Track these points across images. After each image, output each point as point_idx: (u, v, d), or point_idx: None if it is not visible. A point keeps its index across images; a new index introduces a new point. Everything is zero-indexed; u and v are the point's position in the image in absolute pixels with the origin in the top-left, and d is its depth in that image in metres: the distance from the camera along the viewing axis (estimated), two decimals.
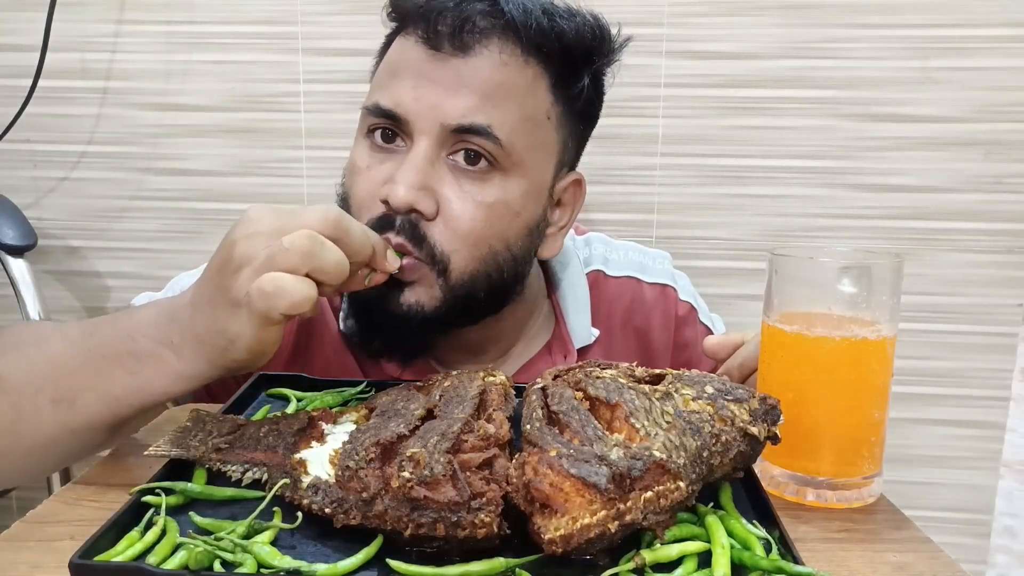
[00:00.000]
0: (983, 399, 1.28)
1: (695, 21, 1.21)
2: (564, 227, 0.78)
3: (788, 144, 1.23)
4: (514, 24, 0.66)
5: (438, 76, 0.67)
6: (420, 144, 0.67)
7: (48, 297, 1.25)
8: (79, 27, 1.29)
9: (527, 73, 0.68)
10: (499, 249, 0.70)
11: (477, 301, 0.71)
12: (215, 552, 0.43)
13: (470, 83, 0.66)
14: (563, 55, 0.69)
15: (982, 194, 1.22)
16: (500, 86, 0.67)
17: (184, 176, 1.33)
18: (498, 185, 0.68)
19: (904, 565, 0.48)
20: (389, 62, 0.71)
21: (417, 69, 0.67)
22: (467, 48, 0.66)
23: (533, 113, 0.69)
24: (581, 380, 0.53)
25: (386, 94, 0.68)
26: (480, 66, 0.66)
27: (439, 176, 0.67)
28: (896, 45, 1.19)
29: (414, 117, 0.67)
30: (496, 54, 0.67)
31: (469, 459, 0.45)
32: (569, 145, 0.75)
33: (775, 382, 0.57)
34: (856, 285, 0.55)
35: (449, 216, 0.67)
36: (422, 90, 0.67)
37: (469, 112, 0.66)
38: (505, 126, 0.67)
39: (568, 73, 0.71)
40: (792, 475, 0.56)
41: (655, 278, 0.87)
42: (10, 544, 0.47)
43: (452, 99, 0.66)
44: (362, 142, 0.72)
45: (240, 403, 0.66)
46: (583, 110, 0.75)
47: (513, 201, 0.69)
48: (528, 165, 0.70)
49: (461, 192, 0.68)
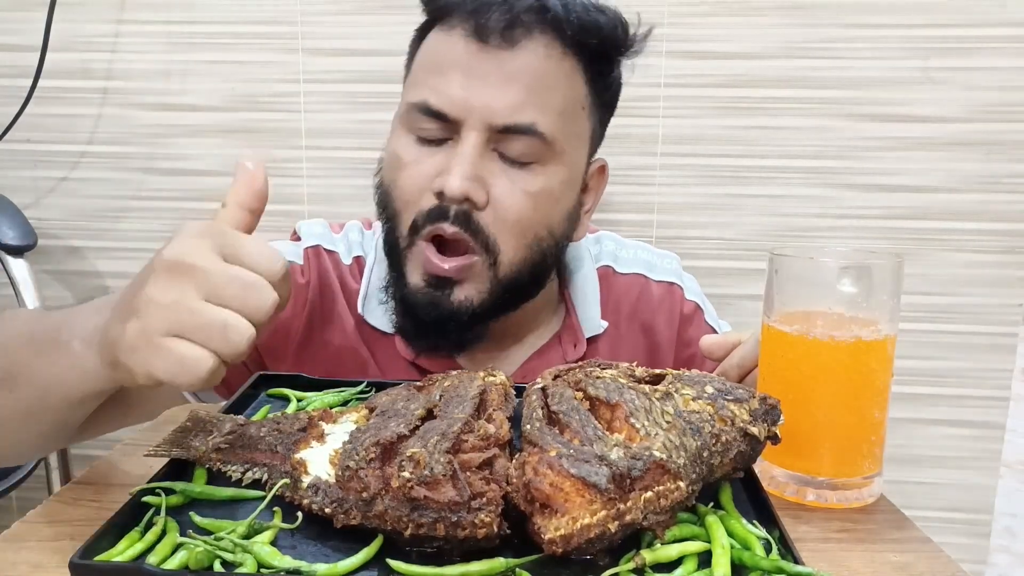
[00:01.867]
0: (983, 399, 1.28)
1: (695, 21, 1.21)
2: (590, 210, 0.82)
3: (788, 144, 1.23)
4: (557, 18, 0.69)
5: (486, 71, 0.69)
6: (470, 137, 0.69)
7: (48, 297, 1.25)
8: (79, 27, 1.29)
9: (566, 65, 0.71)
10: (543, 235, 0.74)
11: (522, 287, 0.75)
12: (215, 552, 0.43)
13: (517, 77, 0.69)
14: (599, 47, 0.72)
15: (982, 194, 1.22)
16: (543, 79, 0.70)
17: (184, 176, 1.33)
18: (542, 174, 0.72)
19: (904, 565, 0.48)
20: (431, 56, 0.73)
21: (465, 64, 0.69)
22: (515, 42, 0.69)
23: (572, 104, 0.73)
24: (581, 380, 0.53)
25: (434, 92, 0.70)
26: (526, 60, 0.69)
27: (488, 168, 0.70)
28: (896, 45, 1.19)
29: (464, 115, 0.69)
30: (541, 47, 0.69)
31: (469, 459, 0.45)
32: (597, 132, 0.79)
33: (775, 382, 0.57)
34: (856, 285, 0.55)
35: (499, 205, 0.71)
36: (472, 88, 0.69)
37: (516, 110, 0.69)
38: (548, 120, 0.70)
39: (602, 64, 0.74)
40: (792, 475, 0.56)
41: (662, 276, 0.88)
42: (10, 544, 0.47)
43: (500, 95, 0.69)
44: (405, 136, 0.73)
45: (240, 403, 0.66)
46: (610, 100, 0.79)
47: (555, 189, 0.73)
48: (568, 154, 0.73)
49: (509, 182, 0.71)
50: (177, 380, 0.46)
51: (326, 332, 0.82)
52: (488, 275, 0.72)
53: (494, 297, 0.73)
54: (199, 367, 0.45)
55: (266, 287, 0.47)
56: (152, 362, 0.46)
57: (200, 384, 0.46)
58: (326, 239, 0.85)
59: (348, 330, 0.82)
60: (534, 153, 0.71)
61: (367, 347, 0.82)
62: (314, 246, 0.84)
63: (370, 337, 0.82)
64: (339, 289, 0.83)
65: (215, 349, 0.45)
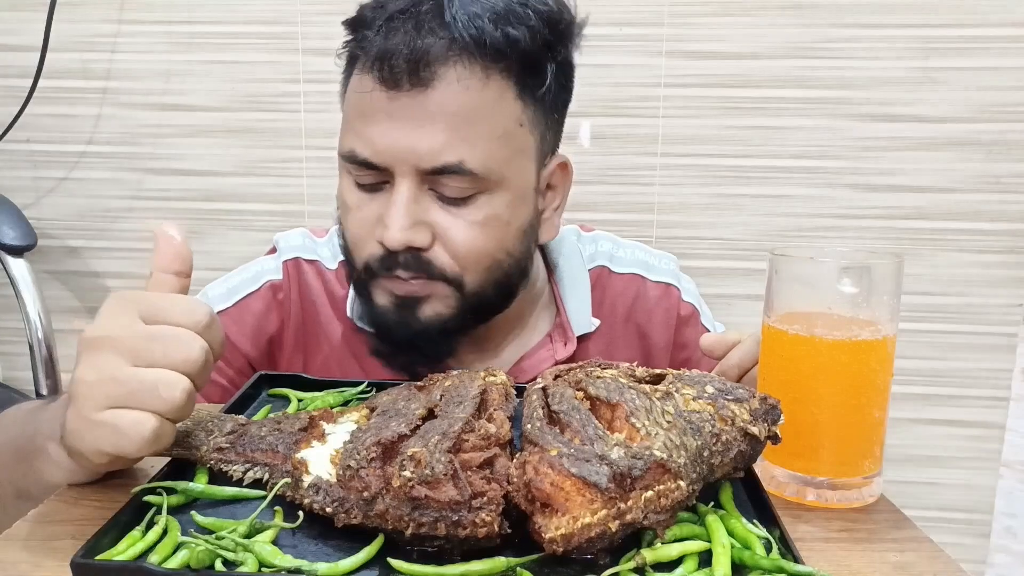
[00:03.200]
0: (983, 399, 1.28)
1: (695, 21, 1.21)
2: (559, 207, 0.79)
3: (788, 144, 1.23)
4: (469, 48, 0.65)
5: (403, 115, 0.66)
6: (402, 185, 0.68)
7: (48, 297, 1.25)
8: (79, 27, 1.29)
9: (490, 90, 0.67)
10: (502, 258, 0.72)
11: (489, 303, 0.74)
12: (216, 551, 0.43)
13: (435, 118, 0.66)
14: (523, 61, 0.68)
15: (982, 194, 1.22)
16: (465, 114, 0.67)
17: (184, 176, 1.33)
18: (484, 204, 0.70)
19: (904, 565, 0.48)
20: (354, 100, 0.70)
21: (382, 110, 0.67)
22: (427, 82, 0.65)
23: (504, 127, 0.69)
24: (582, 380, 0.53)
25: (359, 140, 0.68)
26: (442, 98, 0.66)
27: (426, 208, 0.69)
28: (896, 45, 1.19)
29: (390, 162, 0.68)
30: (455, 81, 0.66)
31: (470, 458, 0.45)
32: (547, 138, 0.75)
33: (775, 382, 0.57)
34: (856, 285, 0.55)
35: (447, 242, 0.69)
36: (392, 134, 0.67)
37: (441, 151, 0.66)
38: (477, 154, 0.67)
39: (531, 75, 0.70)
40: (792, 475, 0.56)
41: (660, 277, 0.88)
42: (12, 543, 0.47)
43: (422, 139, 0.66)
44: (346, 178, 0.72)
45: (241, 403, 0.66)
46: (553, 101, 0.74)
47: (502, 213, 0.71)
48: (509, 177, 0.70)
49: (452, 218, 0.69)
50: (124, 449, 0.47)
51: (312, 343, 0.82)
52: (454, 296, 0.71)
53: (462, 314, 0.72)
54: (141, 430, 0.46)
55: (190, 337, 0.48)
56: (95, 439, 0.47)
57: (149, 446, 0.47)
58: (306, 249, 0.84)
59: (335, 340, 0.82)
60: (471, 187, 0.68)
61: (356, 354, 0.82)
62: (293, 259, 0.84)
63: (359, 343, 0.81)
64: (324, 298, 0.83)
65: (152, 409, 0.47)
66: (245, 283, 0.82)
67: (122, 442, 0.47)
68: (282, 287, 0.82)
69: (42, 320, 1.18)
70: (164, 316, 0.49)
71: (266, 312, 0.82)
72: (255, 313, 0.82)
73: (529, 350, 0.83)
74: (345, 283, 0.83)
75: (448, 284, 0.70)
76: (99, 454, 0.48)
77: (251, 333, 0.81)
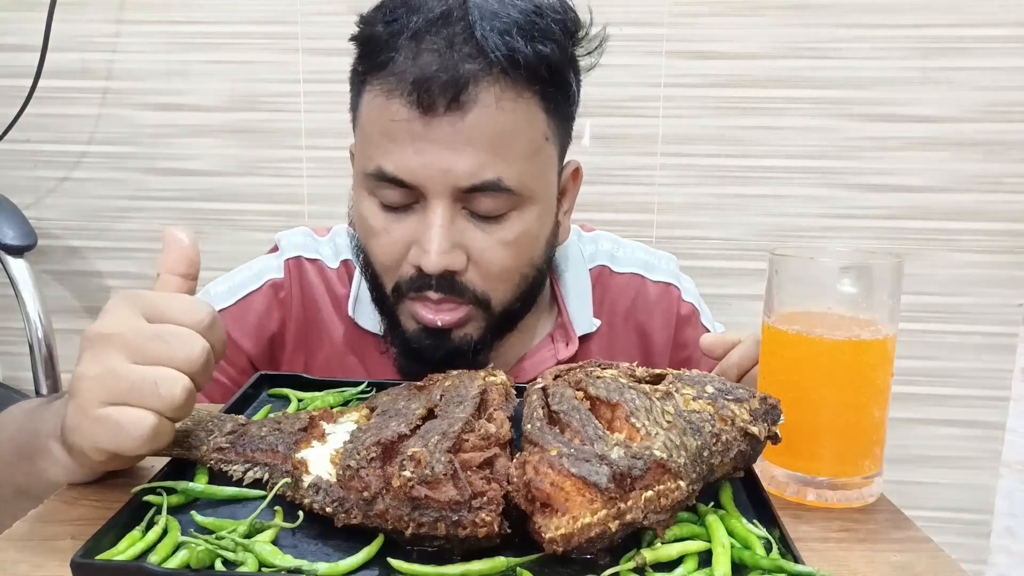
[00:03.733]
0: (983, 399, 1.28)
1: (695, 21, 1.21)
2: (569, 210, 0.81)
3: (788, 144, 1.23)
4: (504, 68, 0.65)
5: (439, 137, 0.65)
6: (437, 207, 0.67)
7: (48, 297, 1.25)
8: (79, 27, 1.29)
9: (521, 107, 0.67)
10: (528, 272, 0.73)
11: (515, 315, 0.75)
12: (216, 551, 0.43)
13: (473, 140, 0.65)
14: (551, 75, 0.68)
15: (982, 194, 1.22)
16: (502, 134, 0.66)
17: (184, 176, 1.33)
18: (516, 220, 0.70)
19: (904, 565, 0.48)
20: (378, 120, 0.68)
21: (416, 132, 0.66)
22: (464, 105, 0.65)
23: (535, 142, 0.69)
24: (582, 380, 0.53)
25: (389, 160, 0.67)
26: (479, 120, 0.65)
27: (461, 229, 0.68)
28: (896, 45, 1.19)
29: (425, 182, 0.66)
30: (493, 102, 0.65)
31: (470, 458, 0.45)
32: (565, 145, 0.76)
33: (775, 382, 0.57)
34: (856, 285, 0.55)
35: (480, 263, 0.69)
36: (427, 155, 0.66)
37: (478, 170, 0.66)
38: (514, 171, 0.67)
39: (558, 89, 0.70)
40: (792, 475, 0.56)
41: (660, 276, 0.88)
42: (11, 543, 0.47)
43: (459, 160, 0.65)
44: (368, 199, 0.71)
45: (241, 403, 0.66)
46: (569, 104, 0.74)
47: (532, 228, 0.71)
48: (539, 191, 0.71)
49: (486, 238, 0.69)
50: (122, 446, 0.47)
51: (314, 344, 0.82)
52: (482, 316, 0.72)
53: (491, 331, 0.73)
54: (139, 427, 0.46)
55: (191, 335, 0.48)
56: (94, 435, 0.47)
57: (148, 444, 0.47)
58: (307, 248, 0.84)
59: (336, 339, 0.82)
60: (505, 205, 0.68)
61: (357, 353, 0.82)
62: (295, 257, 0.83)
63: (360, 342, 0.82)
64: (325, 297, 0.83)
65: (152, 407, 0.47)
66: (247, 281, 0.82)
67: (120, 439, 0.47)
68: (284, 285, 0.82)
69: (42, 320, 1.18)
70: (167, 315, 0.49)
71: (267, 310, 0.82)
72: (257, 311, 0.82)
73: (530, 350, 0.83)
74: (346, 282, 0.83)
75: (476, 305, 0.71)
76: (98, 451, 0.48)
77: (253, 331, 0.81)
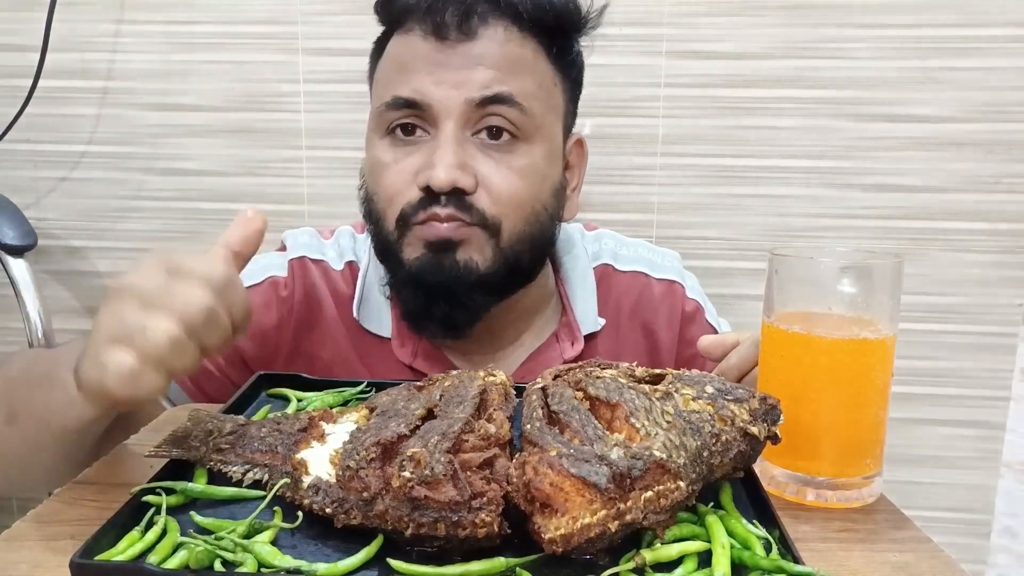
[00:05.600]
0: (983, 399, 1.27)
1: (695, 21, 1.21)
2: (576, 188, 0.83)
3: (788, 144, 1.23)
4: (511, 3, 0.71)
5: (451, 62, 0.70)
6: (447, 127, 0.70)
7: (48, 297, 1.25)
8: (79, 27, 1.29)
9: (528, 47, 0.73)
10: (539, 210, 0.75)
11: (524, 262, 0.76)
12: (216, 552, 0.43)
13: (484, 60, 0.71)
14: (556, 26, 0.74)
15: (982, 194, 1.21)
16: (510, 59, 0.72)
17: (184, 176, 1.33)
18: (524, 152, 0.73)
19: (904, 565, 0.48)
20: (394, 59, 0.74)
21: (429, 59, 0.71)
22: (473, 32, 0.70)
23: (542, 80, 0.74)
24: (581, 380, 0.53)
25: (403, 87, 0.71)
26: (488, 46, 0.71)
27: (470, 154, 0.71)
28: (896, 45, 1.19)
29: (438, 100, 0.70)
30: (500, 33, 0.71)
31: (469, 459, 0.45)
32: (570, 110, 0.80)
33: (775, 382, 0.57)
34: (856, 285, 0.55)
35: (490, 187, 0.72)
36: (440, 75, 0.70)
37: (492, 83, 0.70)
38: (525, 93, 0.72)
39: (562, 43, 0.76)
40: (792, 475, 0.56)
41: (664, 274, 0.88)
42: (11, 543, 0.47)
43: (471, 77, 0.70)
44: (380, 141, 0.75)
45: (240, 403, 0.66)
46: (576, 77, 0.80)
47: (539, 164, 0.74)
48: (546, 129, 0.75)
49: (494, 164, 0.72)
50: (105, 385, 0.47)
51: (315, 343, 0.82)
52: (490, 243, 0.72)
53: (497, 266, 0.73)
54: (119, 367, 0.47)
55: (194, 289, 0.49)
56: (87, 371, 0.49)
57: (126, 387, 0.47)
58: (312, 249, 0.85)
59: (339, 339, 0.82)
60: (514, 127, 0.72)
61: (360, 355, 0.82)
62: (299, 257, 0.84)
63: (363, 344, 0.82)
64: (329, 298, 0.83)
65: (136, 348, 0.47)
66: (248, 275, 0.82)
67: (103, 377, 0.47)
68: (286, 284, 0.82)
69: (42, 320, 1.18)
70: (181, 269, 0.49)
71: (264, 306, 0.82)
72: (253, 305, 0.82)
73: (536, 350, 0.83)
74: (351, 283, 0.83)
75: (485, 230, 0.72)
76: (90, 388, 0.49)
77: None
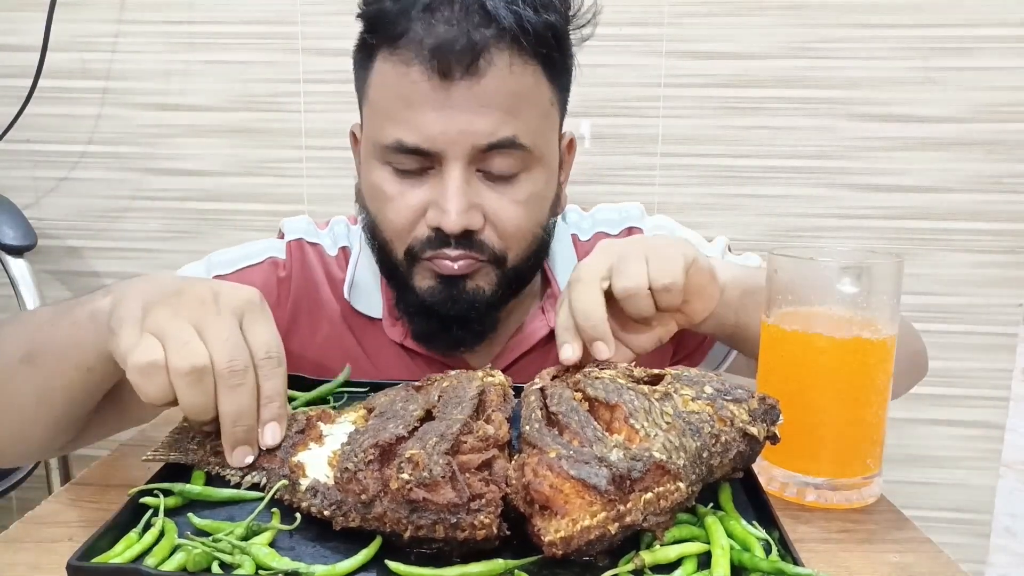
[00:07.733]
0: (983, 399, 1.27)
1: (695, 21, 1.21)
2: (566, 180, 0.84)
3: (788, 144, 1.23)
4: (515, 36, 0.69)
5: (457, 102, 0.69)
6: (454, 169, 0.70)
7: (48, 297, 1.26)
8: (79, 27, 1.29)
9: (530, 73, 0.71)
10: (539, 233, 0.77)
11: (524, 276, 0.78)
12: (213, 553, 0.43)
13: (490, 102, 0.69)
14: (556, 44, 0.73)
15: (982, 194, 1.21)
16: (515, 95, 0.70)
17: (184, 176, 1.33)
18: (526, 181, 0.73)
19: (904, 565, 0.48)
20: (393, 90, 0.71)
21: (433, 99, 0.69)
22: (480, 71, 0.68)
23: (542, 106, 0.74)
24: (580, 381, 0.53)
25: (408, 130, 0.70)
26: (494, 84, 0.69)
27: (476, 190, 0.71)
28: (896, 45, 1.19)
29: (444, 147, 0.69)
30: (506, 67, 0.69)
31: (468, 460, 0.45)
32: (563, 115, 0.80)
33: (775, 382, 0.57)
34: (856, 285, 0.55)
35: (496, 222, 0.72)
36: (447, 120, 0.69)
37: (496, 128, 0.69)
38: (527, 130, 0.71)
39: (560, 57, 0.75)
40: (792, 475, 0.56)
41: (621, 226, 0.89)
42: (9, 545, 0.47)
43: (477, 121, 0.69)
44: (381, 169, 0.74)
45: None
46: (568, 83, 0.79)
47: (541, 189, 0.75)
48: (547, 153, 0.75)
49: (500, 198, 0.72)
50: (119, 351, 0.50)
51: (311, 321, 0.84)
52: (496, 272, 0.74)
53: (503, 289, 0.75)
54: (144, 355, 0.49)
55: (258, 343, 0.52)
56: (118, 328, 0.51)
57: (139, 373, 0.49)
58: (309, 233, 0.87)
59: (335, 318, 0.84)
60: (517, 164, 0.72)
61: (354, 334, 0.84)
62: (297, 239, 0.86)
63: (357, 324, 0.84)
64: (324, 279, 0.85)
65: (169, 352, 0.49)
66: (249, 256, 0.84)
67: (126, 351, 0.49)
68: (284, 265, 0.84)
69: None
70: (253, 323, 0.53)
71: (264, 285, 0.82)
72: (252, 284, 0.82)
73: (524, 322, 0.84)
74: (344, 267, 0.84)
75: (491, 262, 0.73)
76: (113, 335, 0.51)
77: None
